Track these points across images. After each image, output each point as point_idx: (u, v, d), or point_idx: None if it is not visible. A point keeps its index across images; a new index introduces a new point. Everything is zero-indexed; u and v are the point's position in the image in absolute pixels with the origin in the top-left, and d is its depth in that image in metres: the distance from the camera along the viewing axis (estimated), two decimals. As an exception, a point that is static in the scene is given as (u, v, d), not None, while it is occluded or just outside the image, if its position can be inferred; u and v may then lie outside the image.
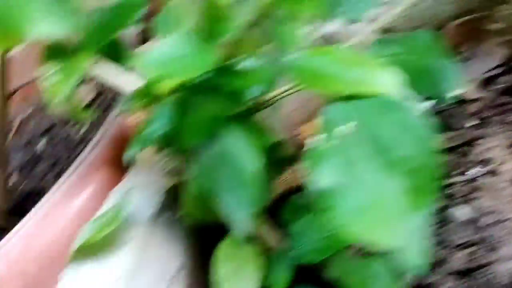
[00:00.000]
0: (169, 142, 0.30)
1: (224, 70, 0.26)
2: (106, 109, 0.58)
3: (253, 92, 0.29)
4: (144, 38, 0.48)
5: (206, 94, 0.27)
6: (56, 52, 0.31)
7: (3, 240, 0.36)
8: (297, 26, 0.27)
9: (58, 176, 0.52)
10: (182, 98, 0.27)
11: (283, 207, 0.33)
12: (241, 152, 0.27)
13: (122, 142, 0.42)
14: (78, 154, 0.53)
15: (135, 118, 0.36)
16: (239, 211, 0.26)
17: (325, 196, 0.22)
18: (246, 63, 0.27)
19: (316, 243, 0.32)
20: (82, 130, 0.58)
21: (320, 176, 0.23)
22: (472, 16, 0.46)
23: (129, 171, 0.39)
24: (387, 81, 0.23)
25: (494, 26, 0.46)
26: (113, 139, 0.41)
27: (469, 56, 0.49)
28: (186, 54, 0.25)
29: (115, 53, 0.34)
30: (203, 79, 0.26)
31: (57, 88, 0.30)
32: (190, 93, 0.27)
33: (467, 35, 0.48)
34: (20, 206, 0.49)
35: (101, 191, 0.38)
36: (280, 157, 0.33)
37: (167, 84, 0.28)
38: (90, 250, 0.33)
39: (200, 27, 0.27)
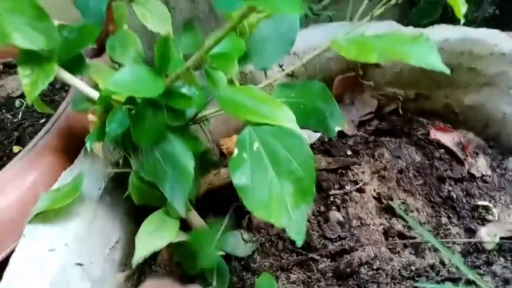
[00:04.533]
0: (120, 140, 0.38)
1: (171, 93, 0.35)
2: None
3: (190, 111, 0.39)
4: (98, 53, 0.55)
5: (155, 109, 0.35)
6: (30, 58, 0.38)
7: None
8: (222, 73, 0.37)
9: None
10: (137, 109, 0.36)
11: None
12: (182, 154, 0.36)
13: (69, 133, 0.48)
14: (15, 138, 0.57)
15: (91, 117, 0.43)
16: (177, 197, 0.35)
17: (241, 190, 0.32)
18: (186, 90, 0.36)
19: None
20: (18, 117, 0.62)
21: (236, 178, 0.32)
22: (353, 73, 0.60)
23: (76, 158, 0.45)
24: (285, 117, 0.34)
25: (367, 83, 0.61)
26: (62, 130, 0.47)
27: (350, 103, 0.63)
28: (144, 78, 0.34)
29: (77, 64, 0.41)
30: (154, 98, 0.35)
31: (32, 87, 0.37)
32: (143, 107, 0.35)
33: (349, 87, 0.62)
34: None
35: (49, 172, 0.44)
36: (207, 161, 0.42)
37: (123, 96, 0.37)
38: (47, 216, 0.39)
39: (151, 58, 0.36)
